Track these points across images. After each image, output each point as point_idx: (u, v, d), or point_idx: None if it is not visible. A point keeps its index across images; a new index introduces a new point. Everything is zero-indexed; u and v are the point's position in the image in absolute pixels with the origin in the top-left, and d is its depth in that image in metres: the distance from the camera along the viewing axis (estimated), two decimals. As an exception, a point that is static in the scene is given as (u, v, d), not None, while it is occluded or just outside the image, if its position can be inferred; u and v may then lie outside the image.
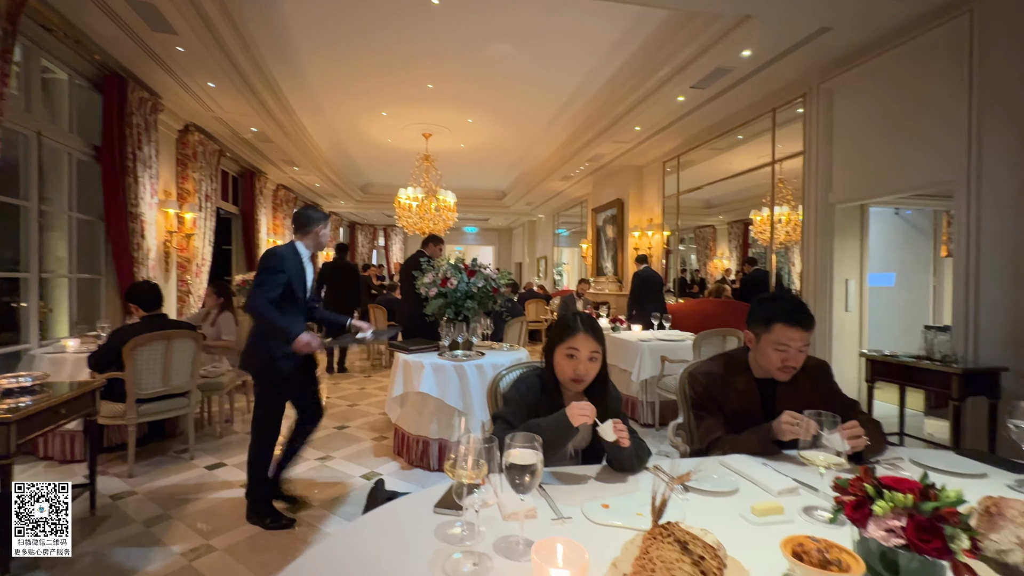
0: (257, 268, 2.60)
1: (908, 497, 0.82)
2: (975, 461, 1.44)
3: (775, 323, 1.53)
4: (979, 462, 1.44)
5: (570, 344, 1.46)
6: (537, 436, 0.99)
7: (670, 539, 0.89)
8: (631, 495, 1.21)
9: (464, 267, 3.54)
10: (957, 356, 3.13)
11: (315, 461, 3.46)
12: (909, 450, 1.55)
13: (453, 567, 0.90)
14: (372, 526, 1.06)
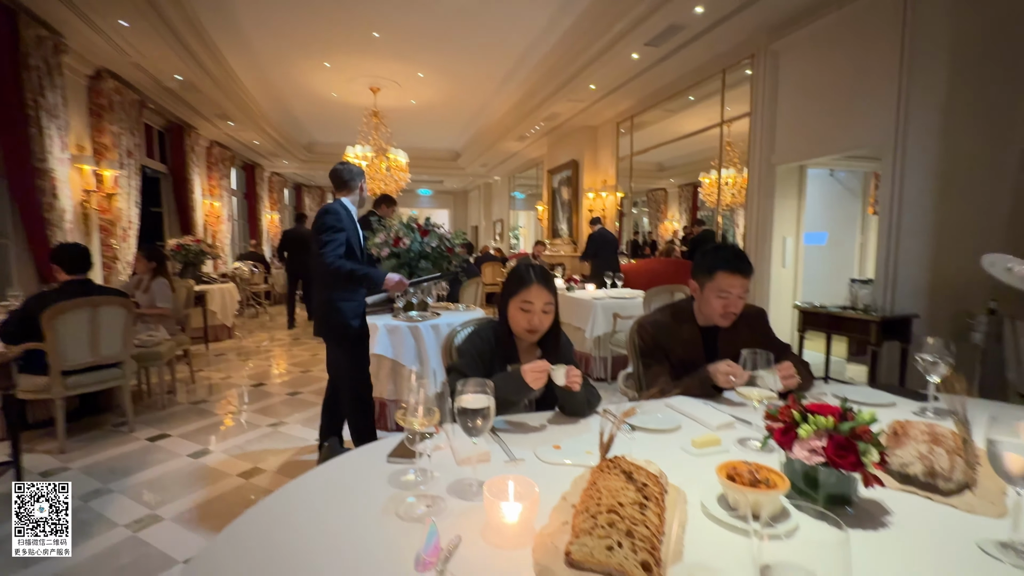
0: (315, 229, 2.66)
1: (829, 419, 0.89)
2: (887, 393, 1.60)
3: (717, 271, 1.61)
4: (890, 394, 1.60)
5: (524, 297, 1.47)
6: (488, 381, 0.99)
7: (616, 471, 0.93)
8: (581, 436, 1.26)
9: (417, 226, 3.45)
10: (877, 306, 3.42)
11: (267, 428, 3.38)
12: (831, 386, 1.69)
13: (406, 510, 0.91)
14: (325, 477, 1.05)
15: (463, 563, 0.76)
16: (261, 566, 0.76)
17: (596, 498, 0.84)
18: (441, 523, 0.87)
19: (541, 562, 0.74)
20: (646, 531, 0.76)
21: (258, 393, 4.19)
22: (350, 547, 0.81)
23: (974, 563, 0.76)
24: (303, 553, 0.79)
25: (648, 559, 0.71)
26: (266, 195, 11.39)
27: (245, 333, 6.96)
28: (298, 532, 0.85)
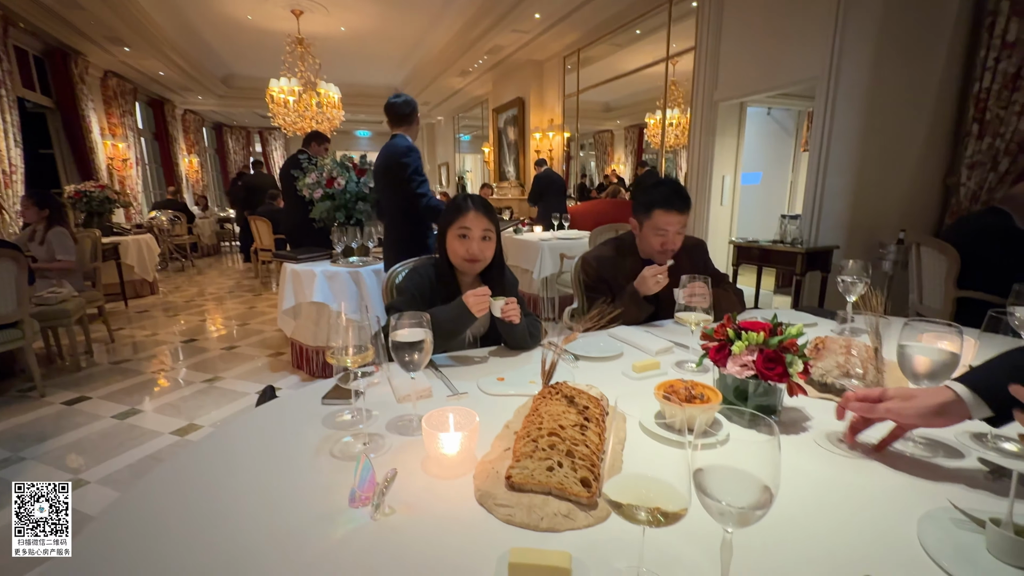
0: (404, 170, 2.72)
1: (760, 335, 0.92)
2: (809, 314, 1.71)
3: (654, 209, 1.62)
4: (812, 315, 1.71)
5: (461, 224, 1.40)
6: (424, 313, 0.94)
7: (558, 396, 0.93)
8: (525, 367, 1.25)
9: (352, 165, 3.21)
10: (803, 239, 3.63)
11: (202, 384, 3.20)
12: (760, 311, 1.78)
13: (342, 449, 0.87)
14: (256, 421, 0.98)
15: (402, 495, 0.73)
16: (190, 509, 0.71)
17: (537, 423, 0.84)
18: (380, 459, 0.85)
19: (482, 488, 0.73)
20: (586, 450, 0.77)
21: (191, 349, 3.94)
22: (283, 489, 0.76)
23: (869, 470, 0.83)
24: (233, 496, 0.74)
25: (587, 475, 0.72)
26: (181, 136, 10.22)
27: (170, 288, 6.45)
28: (228, 476, 0.79)
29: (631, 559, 0.60)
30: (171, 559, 0.61)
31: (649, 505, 0.51)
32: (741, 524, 0.49)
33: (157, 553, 0.62)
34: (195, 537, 0.65)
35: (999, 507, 0.62)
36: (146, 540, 0.64)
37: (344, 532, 0.66)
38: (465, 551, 0.62)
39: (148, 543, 0.64)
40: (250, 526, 0.67)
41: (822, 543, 0.63)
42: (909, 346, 0.87)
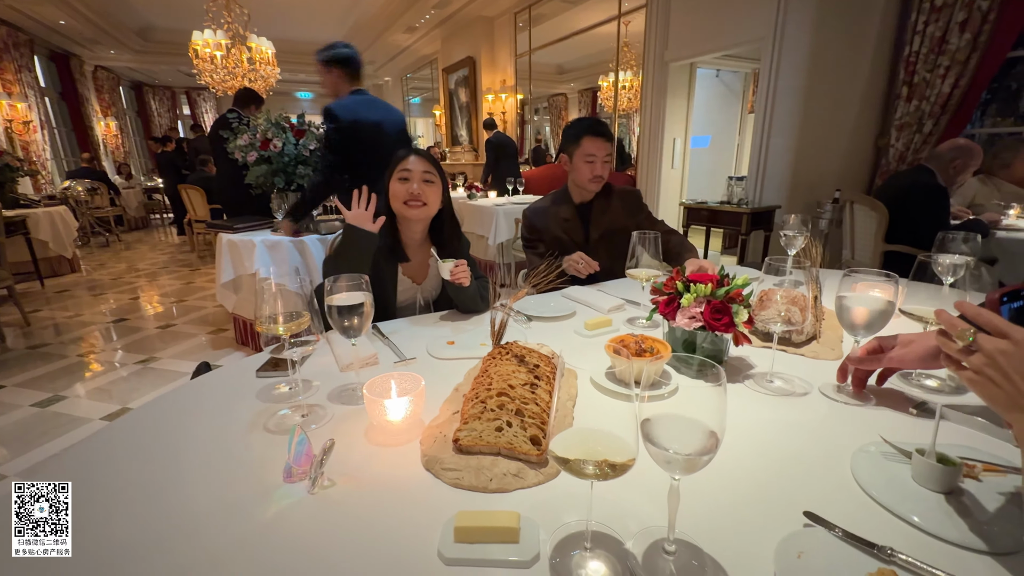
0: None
1: (708, 286, 0.92)
2: (753, 270, 1.77)
3: (582, 137, 1.71)
4: (755, 270, 1.76)
5: (401, 167, 1.33)
6: (364, 276, 0.87)
7: (508, 356, 0.90)
8: (476, 330, 1.22)
9: (289, 125, 2.98)
10: (748, 199, 3.75)
11: (135, 366, 2.98)
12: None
13: (277, 423, 0.81)
14: (183, 398, 0.90)
15: (343, 467, 0.69)
16: (109, 492, 0.64)
17: (487, 384, 0.81)
18: (320, 431, 0.79)
19: (428, 453, 0.70)
20: (536, 408, 0.75)
21: (122, 329, 3.65)
22: (213, 468, 0.70)
23: (817, 402, 0.86)
24: (157, 479, 0.67)
25: (537, 433, 0.70)
26: (93, 96, 9.17)
27: (94, 265, 5.92)
28: (151, 458, 0.73)
29: (581, 513, 0.59)
30: (93, 541, 0.55)
31: (596, 459, 0.49)
32: (688, 471, 0.48)
33: (79, 533, 0.55)
34: (115, 521, 0.59)
35: (924, 439, 0.66)
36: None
37: (278, 509, 0.61)
38: (411, 518, 0.59)
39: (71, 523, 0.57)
40: (175, 510, 0.61)
41: (763, 483, 0.65)
42: (847, 297, 0.89)
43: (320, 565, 0.53)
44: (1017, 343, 0.46)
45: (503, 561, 0.52)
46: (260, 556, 0.54)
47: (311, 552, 0.55)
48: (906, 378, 0.93)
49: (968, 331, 0.51)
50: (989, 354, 0.48)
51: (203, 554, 0.54)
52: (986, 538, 0.54)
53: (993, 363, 0.48)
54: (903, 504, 0.59)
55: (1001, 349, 0.47)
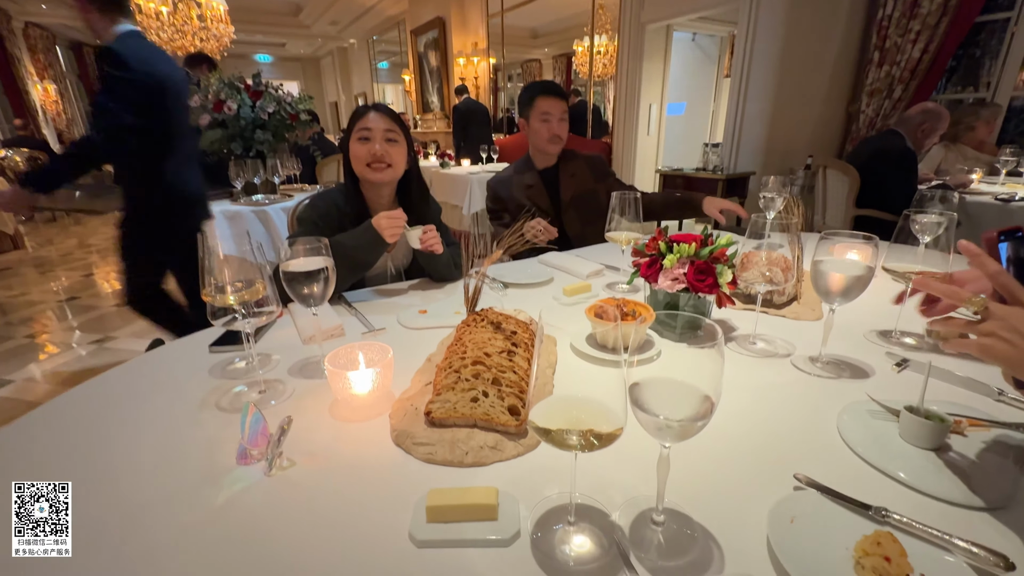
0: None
1: (691, 246, 0.88)
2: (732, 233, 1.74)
3: (536, 98, 1.69)
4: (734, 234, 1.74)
5: (361, 126, 1.21)
6: (323, 238, 0.79)
7: (484, 323, 0.85)
8: (450, 299, 1.16)
9: (244, 86, 2.77)
10: (723, 166, 3.74)
11: (90, 345, 2.81)
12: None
13: (232, 400, 0.74)
14: (127, 377, 0.82)
15: (305, 446, 0.63)
16: (46, 475, 0.57)
17: (461, 352, 0.75)
18: (280, 408, 0.73)
19: (398, 427, 0.65)
20: (514, 376, 0.70)
21: (75, 308, 3.43)
22: (158, 450, 0.63)
23: (801, 363, 0.84)
24: (100, 462, 0.61)
25: (515, 403, 0.65)
26: (26, 57, 8.38)
27: (41, 242, 5.54)
28: (92, 440, 0.66)
29: (564, 485, 0.55)
30: None
31: (580, 428, 0.44)
32: (681, 438, 0.44)
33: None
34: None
35: (908, 397, 0.64)
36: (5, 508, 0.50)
37: (230, 494, 0.55)
38: (380, 499, 0.55)
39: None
40: (112, 500, 0.55)
41: (750, 447, 0.63)
42: (824, 261, 0.84)
43: (276, 554, 0.48)
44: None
45: (480, 540, 0.48)
46: (207, 547, 0.48)
47: (266, 540, 0.49)
48: (886, 336, 0.92)
49: (979, 299, 0.49)
50: (1003, 315, 0.47)
51: (142, 547, 0.48)
52: (976, 493, 0.53)
53: (1007, 324, 0.46)
54: (892, 462, 0.58)
55: (1012, 311, 0.46)
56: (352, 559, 0.47)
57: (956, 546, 0.45)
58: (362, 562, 0.47)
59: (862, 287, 0.78)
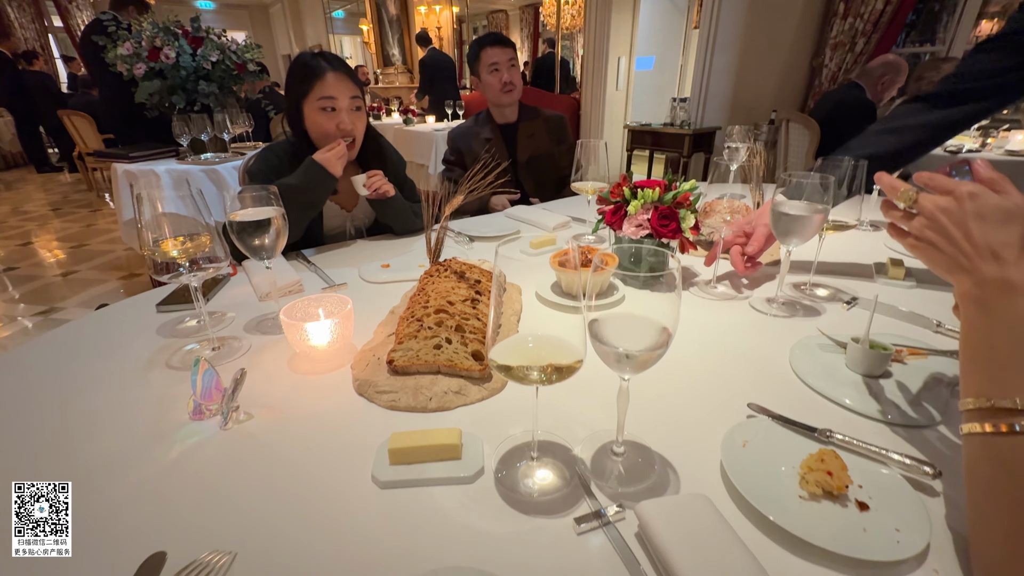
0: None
1: (655, 191, 0.87)
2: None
3: (482, 50, 1.66)
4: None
5: (320, 93, 1.11)
6: (270, 187, 0.75)
7: (447, 273, 0.83)
8: (413, 251, 1.13)
9: (183, 31, 2.53)
10: (690, 121, 3.73)
11: (35, 317, 2.65)
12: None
13: (182, 359, 0.71)
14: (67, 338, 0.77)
15: (263, 399, 0.61)
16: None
17: (423, 302, 0.74)
18: (237, 364, 0.70)
19: (360, 377, 0.64)
20: (478, 323, 0.69)
21: (14, 279, 3.21)
22: (105, 410, 0.60)
23: (759, 304, 0.87)
24: (37, 423, 0.57)
25: (479, 348, 0.65)
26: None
27: (-33, 209, 5.09)
28: (29, 401, 0.62)
29: (527, 425, 0.56)
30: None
31: (541, 364, 0.44)
32: (639, 368, 0.44)
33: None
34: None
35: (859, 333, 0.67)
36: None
37: (183, 448, 0.54)
38: (341, 446, 0.54)
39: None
40: (60, 461, 0.52)
41: (707, 382, 0.65)
42: (781, 203, 0.85)
43: (237, 504, 0.47)
44: (959, 198, 0.44)
45: (444, 479, 0.48)
46: (164, 501, 0.47)
47: (226, 490, 0.48)
48: (800, 288, 0.93)
49: (910, 191, 0.49)
50: (930, 214, 0.46)
51: (94, 507, 0.46)
52: (910, 414, 0.56)
53: (934, 223, 0.46)
54: (838, 390, 0.61)
55: (942, 206, 0.45)
56: (314, 503, 0.47)
57: (891, 459, 0.48)
58: (324, 505, 0.46)
59: (816, 228, 0.79)
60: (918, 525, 0.41)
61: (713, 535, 0.40)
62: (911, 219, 0.49)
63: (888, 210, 0.52)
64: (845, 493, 0.44)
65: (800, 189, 0.79)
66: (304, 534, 0.43)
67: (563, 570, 0.40)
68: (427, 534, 0.43)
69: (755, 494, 0.44)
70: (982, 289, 0.42)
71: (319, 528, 0.44)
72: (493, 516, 0.45)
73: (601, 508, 0.45)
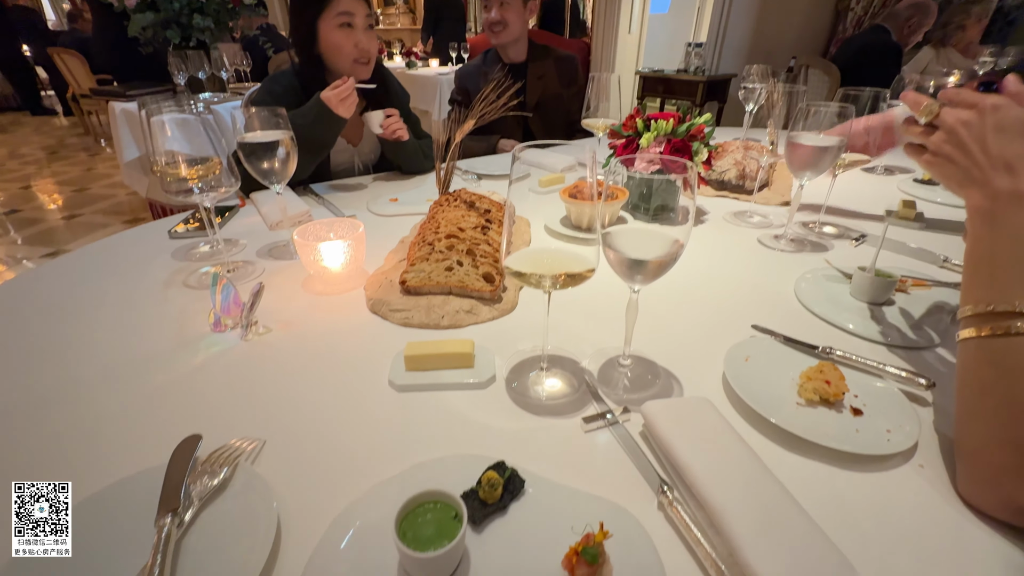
0: None
1: (669, 123, 0.86)
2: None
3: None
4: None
5: (339, 8, 1.05)
6: (279, 109, 0.74)
7: (457, 202, 0.83)
8: (421, 187, 1.13)
9: (173, -41, 2.40)
10: (705, 67, 3.58)
11: (40, 259, 2.67)
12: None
13: (199, 279, 0.72)
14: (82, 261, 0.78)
15: (281, 315, 0.63)
16: (26, 344, 0.57)
17: (434, 228, 0.74)
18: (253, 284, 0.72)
19: (374, 297, 0.65)
20: (488, 248, 0.70)
21: (17, 221, 3.21)
22: (131, 321, 0.63)
23: (757, 249, 0.86)
24: (72, 330, 0.61)
25: (490, 270, 0.66)
26: None
27: (-36, 152, 5.01)
28: (62, 314, 0.65)
29: (537, 342, 0.58)
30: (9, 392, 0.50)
31: (554, 272, 0.45)
32: (650, 277, 0.46)
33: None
34: (34, 370, 0.53)
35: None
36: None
37: (207, 356, 0.56)
38: (359, 355, 0.56)
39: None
40: (100, 357, 0.56)
41: (714, 307, 0.66)
42: (798, 135, 0.84)
43: (260, 399, 0.49)
44: (982, 110, 0.44)
45: (458, 384, 0.51)
46: (187, 401, 0.49)
47: (250, 388, 0.51)
48: (809, 226, 0.93)
49: (933, 105, 0.48)
50: (950, 127, 0.45)
51: (118, 404, 0.49)
52: (909, 336, 0.58)
53: (953, 136, 0.45)
54: (841, 315, 0.62)
55: (964, 119, 0.45)
56: (334, 402, 0.49)
57: (887, 372, 0.50)
58: (345, 405, 0.49)
59: (831, 160, 0.78)
60: (908, 427, 0.43)
61: (715, 431, 0.42)
62: (930, 133, 0.49)
63: (909, 127, 0.51)
64: (841, 400, 0.47)
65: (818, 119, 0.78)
66: (326, 428, 0.46)
67: (571, 460, 0.43)
68: (442, 430, 0.46)
69: (755, 400, 0.46)
70: (992, 201, 0.42)
71: (340, 423, 0.47)
72: (505, 416, 0.48)
73: (608, 410, 0.47)
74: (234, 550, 0.33)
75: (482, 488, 0.36)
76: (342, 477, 0.40)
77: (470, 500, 0.36)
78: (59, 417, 0.47)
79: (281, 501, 0.37)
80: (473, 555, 0.33)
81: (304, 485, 0.40)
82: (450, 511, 0.33)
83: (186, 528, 0.35)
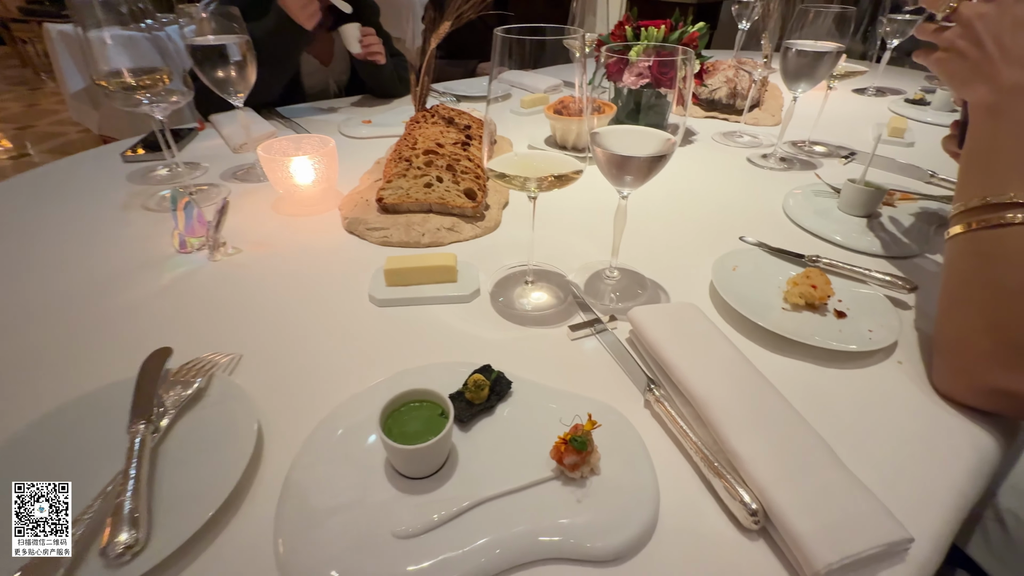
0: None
1: (660, 31, 0.80)
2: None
3: None
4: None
5: None
6: (232, 9, 0.66)
7: (435, 119, 0.78)
8: (396, 109, 1.05)
9: None
10: (696, -10, 3.37)
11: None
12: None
13: (159, 202, 0.67)
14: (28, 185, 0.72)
15: (251, 236, 0.60)
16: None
17: (411, 144, 0.70)
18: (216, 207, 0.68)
19: (350, 216, 0.62)
20: (469, 163, 0.66)
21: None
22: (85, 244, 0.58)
23: (746, 168, 0.84)
24: (24, 254, 0.56)
25: (472, 186, 0.63)
26: None
27: None
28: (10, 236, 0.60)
29: (522, 259, 0.56)
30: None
31: (539, 175, 0.43)
32: (640, 178, 0.43)
33: None
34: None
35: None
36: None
37: (176, 274, 0.53)
38: (336, 274, 0.54)
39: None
40: (58, 280, 0.52)
41: (701, 221, 0.65)
42: (793, 43, 0.79)
43: (233, 316, 0.47)
44: (1002, 4, 0.41)
45: (441, 297, 0.49)
46: (156, 318, 0.47)
47: (221, 306, 0.48)
48: (798, 145, 0.90)
49: (952, 1, 0.45)
50: (967, 21, 0.43)
51: (85, 323, 0.46)
52: (894, 246, 0.58)
53: (969, 30, 0.43)
54: (828, 228, 0.61)
55: (982, 12, 0.42)
56: (312, 318, 0.47)
57: (872, 277, 0.50)
58: (324, 320, 0.47)
59: (828, 68, 0.75)
60: (889, 326, 0.44)
61: (702, 332, 0.42)
62: (943, 31, 0.46)
63: (922, 29, 0.49)
64: (826, 304, 0.47)
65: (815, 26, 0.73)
66: (306, 342, 0.44)
67: (558, 366, 0.42)
68: (426, 341, 0.45)
69: (742, 305, 0.46)
70: (998, 95, 0.40)
71: (320, 337, 0.45)
72: (490, 327, 0.47)
73: (595, 318, 0.47)
74: (215, 454, 0.32)
75: (468, 389, 0.36)
76: (325, 386, 0.39)
77: (457, 401, 0.35)
78: (17, 338, 0.44)
79: (261, 412, 0.36)
80: (462, 453, 0.33)
81: (285, 395, 0.39)
82: (436, 409, 0.33)
83: (163, 435, 0.34)
